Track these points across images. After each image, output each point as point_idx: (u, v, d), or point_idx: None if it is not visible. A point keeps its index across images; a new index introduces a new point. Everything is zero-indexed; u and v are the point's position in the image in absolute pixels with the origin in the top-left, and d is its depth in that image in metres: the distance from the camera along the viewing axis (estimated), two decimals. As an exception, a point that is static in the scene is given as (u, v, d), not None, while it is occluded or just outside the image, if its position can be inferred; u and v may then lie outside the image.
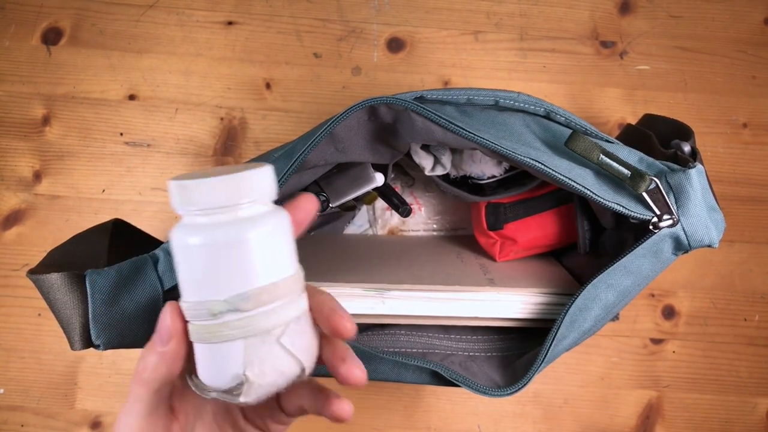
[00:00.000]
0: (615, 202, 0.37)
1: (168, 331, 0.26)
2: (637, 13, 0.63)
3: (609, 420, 0.59)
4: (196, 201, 0.24)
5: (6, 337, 0.58)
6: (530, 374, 0.38)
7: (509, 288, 0.43)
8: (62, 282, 0.34)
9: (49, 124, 0.60)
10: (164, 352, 0.26)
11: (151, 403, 0.27)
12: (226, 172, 0.24)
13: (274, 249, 0.25)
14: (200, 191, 0.24)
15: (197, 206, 0.24)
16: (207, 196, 0.24)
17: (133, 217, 0.59)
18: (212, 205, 0.24)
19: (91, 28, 0.61)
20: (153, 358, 0.26)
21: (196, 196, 0.24)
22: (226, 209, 0.24)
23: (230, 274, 0.24)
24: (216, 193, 0.24)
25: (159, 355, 0.26)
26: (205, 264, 0.24)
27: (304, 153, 0.37)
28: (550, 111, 0.41)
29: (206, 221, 0.24)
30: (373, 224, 0.60)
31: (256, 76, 0.61)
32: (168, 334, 0.26)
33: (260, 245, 0.25)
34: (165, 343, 0.26)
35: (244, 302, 0.24)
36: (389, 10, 0.62)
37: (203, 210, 0.24)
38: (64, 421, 0.57)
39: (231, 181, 0.24)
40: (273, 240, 0.25)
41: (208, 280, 0.25)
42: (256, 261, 0.25)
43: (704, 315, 0.60)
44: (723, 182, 0.61)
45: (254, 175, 0.25)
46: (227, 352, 0.25)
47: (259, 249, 0.25)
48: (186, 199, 0.24)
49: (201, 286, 0.25)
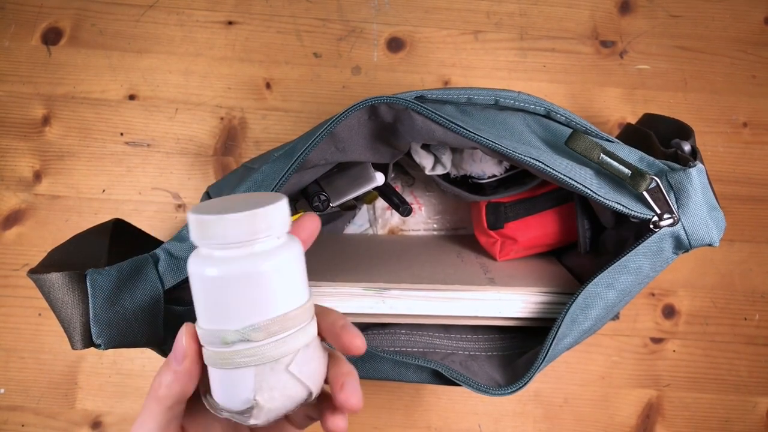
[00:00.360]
0: (615, 201, 0.37)
1: (183, 351, 0.27)
2: (637, 12, 0.63)
3: (609, 419, 0.59)
4: (213, 236, 0.25)
5: (6, 337, 0.58)
6: (531, 373, 0.38)
7: (510, 287, 0.43)
8: (63, 281, 0.34)
9: (49, 124, 0.60)
10: (178, 371, 0.27)
11: (163, 420, 0.27)
12: (243, 207, 0.25)
13: (286, 281, 0.26)
14: (218, 228, 0.25)
15: (215, 241, 0.25)
16: (224, 232, 0.25)
17: (133, 217, 0.59)
18: (229, 241, 0.25)
19: (91, 28, 0.61)
20: (168, 377, 0.27)
21: (214, 232, 0.25)
22: (242, 244, 0.25)
23: (243, 305, 0.25)
24: (233, 230, 0.25)
25: (174, 374, 0.27)
26: (219, 295, 0.25)
27: (305, 152, 0.37)
28: (550, 110, 0.41)
29: (222, 254, 0.25)
30: (373, 224, 0.60)
31: (256, 76, 0.61)
32: (183, 355, 0.27)
33: (272, 279, 0.26)
34: (179, 363, 0.27)
35: (255, 333, 0.26)
36: (389, 9, 0.62)
37: (220, 245, 0.25)
38: (64, 421, 0.57)
39: (248, 219, 0.25)
40: (285, 273, 0.26)
41: (222, 310, 0.26)
42: (268, 294, 0.26)
43: (704, 314, 0.60)
44: (723, 181, 0.61)
45: (270, 212, 0.25)
46: (239, 378, 0.26)
47: (272, 282, 0.26)
48: (204, 234, 0.25)
49: (215, 315, 0.26)
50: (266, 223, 0.25)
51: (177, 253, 0.37)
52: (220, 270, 0.25)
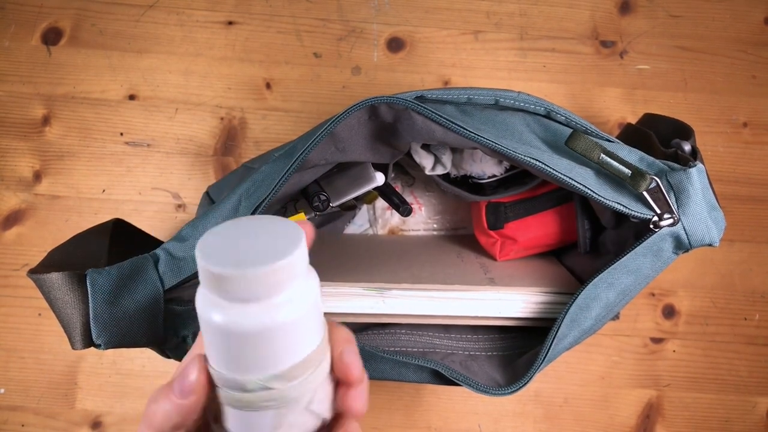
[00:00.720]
0: (615, 201, 0.37)
1: (191, 387, 0.25)
2: (637, 12, 0.63)
3: (609, 419, 0.59)
4: (230, 291, 0.22)
5: (6, 337, 0.58)
6: (531, 373, 0.38)
7: (510, 287, 0.43)
8: (63, 281, 0.34)
9: (49, 124, 0.60)
10: (182, 404, 0.25)
11: None
12: (259, 249, 0.22)
13: (307, 326, 0.24)
14: (237, 284, 0.22)
15: (232, 296, 0.22)
16: (244, 287, 0.22)
17: (133, 217, 0.59)
18: (248, 297, 0.22)
19: (91, 28, 0.61)
20: (167, 406, 0.25)
21: (232, 288, 0.22)
22: (263, 299, 0.23)
23: (263, 357, 0.24)
24: (253, 286, 0.22)
25: (175, 406, 0.25)
26: (236, 347, 0.23)
27: (305, 153, 0.37)
28: (550, 110, 0.41)
29: (240, 307, 0.23)
30: (373, 224, 0.60)
31: (256, 76, 0.61)
32: (190, 390, 0.25)
33: (294, 329, 0.24)
34: (185, 397, 0.25)
35: (277, 381, 0.24)
36: (389, 9, 0.62)
37: (238, 300, 0.22)
38: (64, 421, 0.57)
39: (271, 273, 0.22)
40: (306, 319, 0.24)
41: (240, 360, 0.24)
42: (289, 344, 0.24)
43: (704, 314, 0.60)
44: (723, 181, 0.61)
45: (294, 261, 0.22)
46: (258, 418, 0.25)
47: (294, 332, 0.24)
48: (219, 288, 0.22)
49: (231, 364, 0.24)
50: (289, 274, 0.22)
51: (177, 253, 0.37)
52: (237, 323, 0.22)
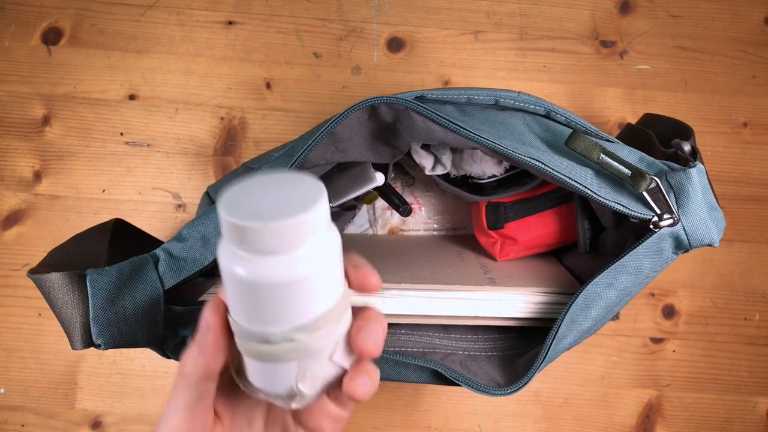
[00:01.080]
0: (615, 201, 0.37)
1: (206, 324, 0.26)
2: (637, 12, 0.63)
3: (609, 419, 0.59)
4: (253, 243, 0.22)
5: (6, 337, 0.58)
6: (531, 373, 0.38)
7: (510, 287, 0.43)
8: (63, 281, 0.34)
9: (49, 124, 0.60)
10: (203, 344, 0.26)
11: (190, 398, 0.27)
12: (281, 202, 0.23)
13: (329, 279, 0.25)
14: (260, 236, 0.22)
15: (254, 248, 0.22)
16: (267, 240, 0.22)
17: (133, 217, 0.59)
18: (271, 250, 0.22)
19: (91, 28, 0.61)
20: (193, 352, 0.26)
21: (254, 240, 0.22)
22: (286, 251, 0.23)
23: (286, 309, 0.24)
24: (276, 238, 0.22)
25: (198, 348, 0.26)
26: (259, 299, 0.23)
27: (305, 153, 0.37)
28: (550, 110, 0.41)
29: (262, 259, 0.23)
30: (373, 224, 0.60)
31: (256, 76, 0.61)
32: (206, 327, 0.26)
33: (317, 281, 0.24)
34: (204, 336, 0.26)
35: (300, 333, 0.25)
36: (389, 9, 0.62)
37: (260, 252, 0.22)
38: (64, 421, 0.57)
39: (294, 226, 0.22)
40: (328, 271, 0.24)
41: (262, 313, 0.24)
42: (312, 295, 0.24)
43: (704, 314, 0.60)
44: (723, 181, 0.61)
45: (317, 213, 0.22)
46: (281, 369, 0.26)
47: (316, 284, 0.24)
48: (242, 240, 0.22)
49: (253, 316, 0.24)
50: (312, 227, 0.23)
51: (177, 253, 0.37)
52: (261, 275, 0.23)
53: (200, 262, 0.37)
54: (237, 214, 0.22)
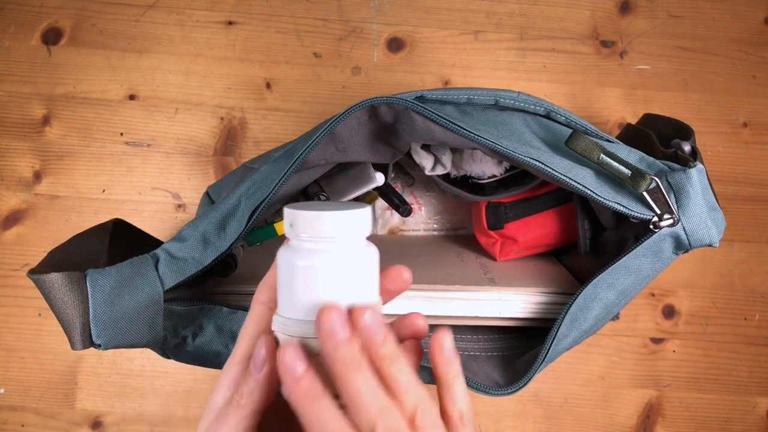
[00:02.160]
0: (615, 201, 0.37)
1: (263, 358, 0.27)
2: (638, 12, 0.63)
3: (609, 419, 0.59)
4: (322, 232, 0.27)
5: (6, 337, 0.58)
6: (531, 373, 0.38)
7: (510, 287, 0.43)
8: (63, 282, 0.34)
9: (49, 124, 0.60)
10: (259, 378, 0.27)
11: (243, 428, 0.27)
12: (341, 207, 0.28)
13: (375, 276, 0.28)
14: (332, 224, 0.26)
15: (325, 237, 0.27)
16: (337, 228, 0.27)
17: (133, 217, 0.59)
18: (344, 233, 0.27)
19: (91, 28, 0.61)
20: (250, 384, 0.27)
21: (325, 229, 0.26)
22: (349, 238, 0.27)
23: (349, 296, 0.27)
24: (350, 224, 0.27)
25: (255, 381, 0.27)
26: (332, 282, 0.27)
27: (305, 153, 0.37)
28: (550, 110, 0.41)
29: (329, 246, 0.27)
30: (373, 224, 0.60)
31: (256, 76, 0.61)
32: (262, 361, 0.27)
33: (375, 266, 0.28)
34: (259, 370, 0.27)
35: None
36: (389, 9, 0.62)
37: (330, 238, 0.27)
38: (64, 421, 0.57)
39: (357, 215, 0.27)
40: (375, 268, 0.28)
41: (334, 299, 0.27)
42: (369, 284, 0.28)
43: (704, 314, 0.60)
44: (723, 182, 0.61)
45: (368, 211, 0.28)
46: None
47: (371, 273, 0.28)
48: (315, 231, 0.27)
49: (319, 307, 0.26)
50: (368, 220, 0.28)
51: (177, 253, 0.37)
52: (330, 258, 0.26)
53: (200, 262, 0.37)
54: (311, 207, 0.27)
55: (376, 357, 0.26)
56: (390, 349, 0.26)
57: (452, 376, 0.28)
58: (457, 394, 0.28)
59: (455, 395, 0.28)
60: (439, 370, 0.28)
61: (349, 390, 0.25)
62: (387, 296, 0.31)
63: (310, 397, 0.25)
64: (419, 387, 0.26)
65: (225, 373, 0.29)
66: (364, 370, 0.25)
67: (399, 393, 0.26)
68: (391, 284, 0.30)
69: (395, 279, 0.30)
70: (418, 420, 0.25)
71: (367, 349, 0.26)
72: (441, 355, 0.28)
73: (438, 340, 0.28)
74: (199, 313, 0.39)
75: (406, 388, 0.26)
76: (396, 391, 0.26)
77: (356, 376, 0.25)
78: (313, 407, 0.25)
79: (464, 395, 0.29)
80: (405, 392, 0.26)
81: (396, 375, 0.26)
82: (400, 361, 0.26)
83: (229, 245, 0.37)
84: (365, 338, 0.26)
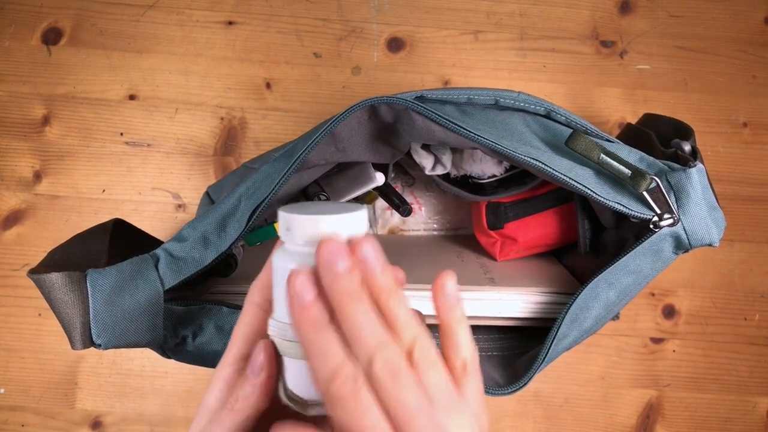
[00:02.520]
0: (616, 201, 0.37)
1: (260, 364, 0.27)
2: (638, 12, 0.63)
3: (609, 419, 0.59)
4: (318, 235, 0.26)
5: (6, 337, 0.58)
6: (531, 373, 0.38)
7: (510, 287, 0.43)
8: (63, 281, 0.34)
9: (49, 124, 0.60)
10: (256, 383, 0.27)
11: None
12: (336, 209, 0.27)
13: None
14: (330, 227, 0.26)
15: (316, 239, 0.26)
16: (334, 230, 0.26)
17: (133, 217, 0.59)
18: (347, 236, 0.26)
19: (91, 28, 0.61)
20: (246, 389, 0.27)
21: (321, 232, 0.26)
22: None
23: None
24: (340, 227, 0.26)
25: (252, 387, 0.27)
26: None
27: (305, 153, 0.37)
28: (550, 110, 0.41)
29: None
30: (373, 224, 0.60)
31: (256, 76, 0.61)
32: (260, 367, 0.27)
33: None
34: (257, 375, 0.27)
35: None
36: (389, 9, 0.62)
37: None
38: (64, 421, 0.57)
39: (358, 215, 0.27)
40: None
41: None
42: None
43: (704, 314, 0.60)
44: (723, 181, 0.61)
45: (364, 212, 0.27)
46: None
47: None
48: (310, 235, 0.26)
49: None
50: (364, 221, 0.27)
51: (177, 253, 0.37)
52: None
53: (200, 262, 0.37)
54: (306, 211, 0.27)
55: (374, 288, 0.25)
56: (388, 281, 0.26)
57: (455, 321, 0.27)
58: (460, 340, 0.27)
59: (458, 342, 0.27)
60: (441, 315, 0.27)
61: (347, 321, 0.25)
62: None
63: (315, 327, 0.25)
64: (417, 322, 0.26)
65: (217, 374, 0.29)
66: (363, 302, 0.25)
67: (397, 326, 0.25)
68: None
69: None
70: (415, 355, 0.25)
71: (366, 280, 0.25)
72: (443, 298, 0.27)
73: (440, 282, 0.27)
74: (199, 313, 0.39)
75: (404, 322, 0.25)
76: (394, 325, 0.25)
77: (355, 308, 0.24)
78: (318, 337, 0.25)
79: (468, 342, 0.27)
80: (402, 326, 0.25)
81: (394, 308, 0.25)
82: (398, 294, 0.26)
83: (229, 245, 0.37)
84: (364, 269, 0.25)
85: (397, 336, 0.25)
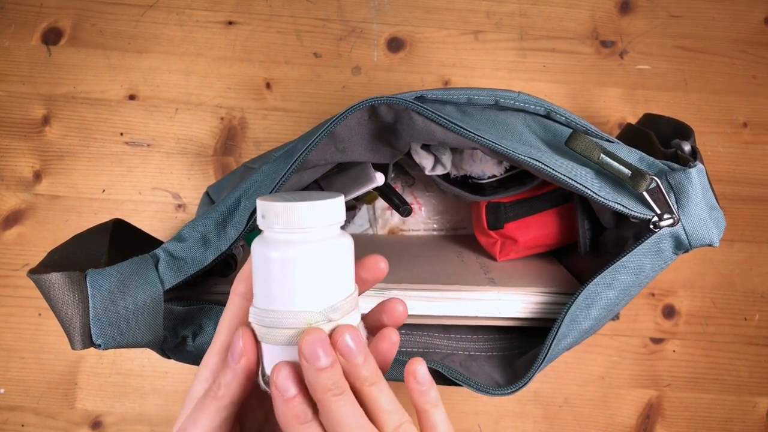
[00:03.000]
0: (616, 201, 0.37)
1: (240, 350, 0.27)
2: (638, 12, 0.63)
3: (609, 419, 0.59)
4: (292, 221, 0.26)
5: (6, 337, 0.58)
6: (531, 373, 0.38)
7: (510, 287, 0.43)
8: (63, 282, 0.34)
9: (49, 124, 0.60)
10: (236, 369, 0.27)
11: (217, 419, 0.28)
12: (316, 197, 0.28)
13: (351, 265, 0.29)
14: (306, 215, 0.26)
15: (293, 226, 0.26)
16: (311, 219, 0.27)
17: (133, 217, 0.59)
18: (315, 224, 0.27)
19: (91, 28, 0.61)
20: (227, 376, 0.28)
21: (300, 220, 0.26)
22: (324, 228, 0.27)
23: (324, 285, 0.27)
24: (321, 214, 0.27)
25: (232, 373, 0.27)
26: (299, 275, 0.26)
27: (305, 153, 0.37)
28: (550, 110, 0.41)
29: (301, 237, 0.27)
30: (373, 224, 0.60)
31: (256, 76, 0.61)
32: (240, 353, 0.27)
33: (351, 257, 0.28)
34: (236, 361, 0.27)
35: (335, 313, 0.27)
36: (389, 9, 0.62)
37: (303, 229, 0.27)
38: (64, 421, 0.57)
39: (334, 204, 0.27)
40: (351, 255, 0.28)
41: (307, 293, 0.27)
42: (347, 274, 0.28)
43: (704, 314, 0.60)
44: (723, 181, 0.61)
45: (342, 200, 0.28)
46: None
47: (350, 261, 0.28)
48: (289, 222, 0.26)
49: (298, 298, 0.27)
50: (341, 209, 0.28)
51: (177, 253, 0.37)
52: (304, 250, 0.26)
53: (200, 262, 0.37)
54: (283, 199, 0.27)
55: (357, 379, 0.26)
56: (370, 370, 0.26)
57: (431, 405, 0.28)
58: (437, 424, 0.28)
59: (435, 425, 0.28)
60: (416, 400, 0.28)
61: (331, 417, 0.25)
62: (363, 285, 0.31)
63: (299, 419, 0.26)
64: (400, 409, 0.26)
65: (204, 364, 0.29)
66: (346, 395, 0.25)
67: (380, 415, 0.26)
68: (367, 273, 0.30)
69: (371, 268, 0.30)
70: None
71: (348, 372, 0.26)
72: (415, 385, 0.28)
73: (411, 369, 0.28)
74: (199, 313, 0.39)
75: (387, 410, 0.26)
76: (377, 414, 0.26)
77: (338, 403, 0.25)
78: (302, 429, 0.26)
79: (445, 424, 0.28)
80: (386, 414, 0.26)
81: (377, 397, 0.26)
82: (380, 383, 0.26)
83: (229, 245, 0.37)
84: (346, 359, 0.26)
85: (381, 425, 0.26)
